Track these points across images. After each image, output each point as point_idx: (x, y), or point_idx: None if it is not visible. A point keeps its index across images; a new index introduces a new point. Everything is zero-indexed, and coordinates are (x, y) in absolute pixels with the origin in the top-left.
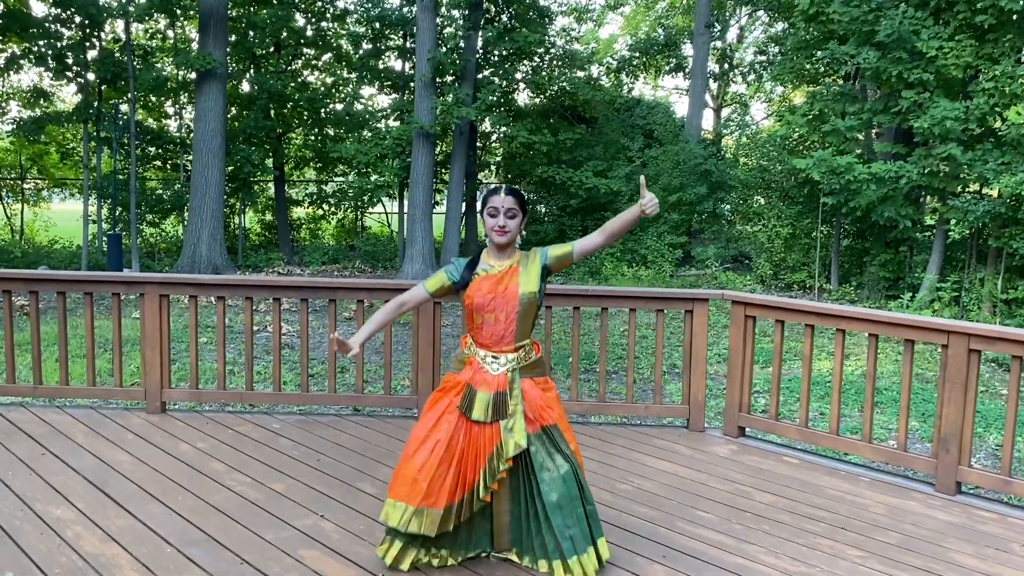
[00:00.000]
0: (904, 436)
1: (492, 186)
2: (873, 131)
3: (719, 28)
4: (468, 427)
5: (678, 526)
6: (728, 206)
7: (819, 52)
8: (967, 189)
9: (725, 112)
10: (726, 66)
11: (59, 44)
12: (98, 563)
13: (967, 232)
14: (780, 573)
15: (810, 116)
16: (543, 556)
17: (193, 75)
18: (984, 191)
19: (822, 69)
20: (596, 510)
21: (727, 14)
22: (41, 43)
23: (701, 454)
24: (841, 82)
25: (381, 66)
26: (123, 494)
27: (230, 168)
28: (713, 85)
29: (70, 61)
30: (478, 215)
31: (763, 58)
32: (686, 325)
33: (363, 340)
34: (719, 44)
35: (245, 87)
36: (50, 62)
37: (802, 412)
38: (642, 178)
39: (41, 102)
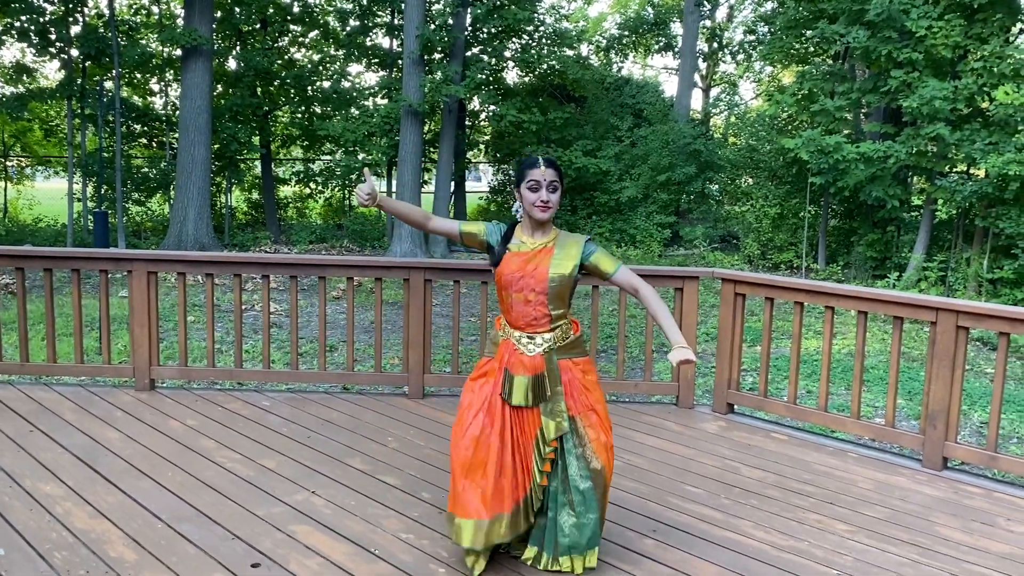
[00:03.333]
0: (892, 413)
1: (528, 158)
2: (862, 111)
3: (708, 7)
4: (513, 414)
5: (668, 501)
6: (716, 186)
7: (809, 31)
8: (954, 169)
9: (714, 92)
10: (715, 45)
11: (42, 19)
12: (88, 539)
13: (954, 212)
14: (769, 547)
15: (799, 96)
16: (542, 547)
17: (179, 52)
18: (971, 171)
19: (811, 49)
20: (597, 526)
21: None
22: (23, 18)
23: (690, 430)
24: (830, 62)
25: (369, 43)
26: (113, 471)
27: (216, 146)
28: (702, 65)
29: (53, 37)
30: (515, 190)
31: (752, 38)
32: (676, 303)
33: (381, 201)
34: (708, 23)
35: (231, 64)
36: (33, 37)
37: (791, 389)
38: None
39: (24, 78)
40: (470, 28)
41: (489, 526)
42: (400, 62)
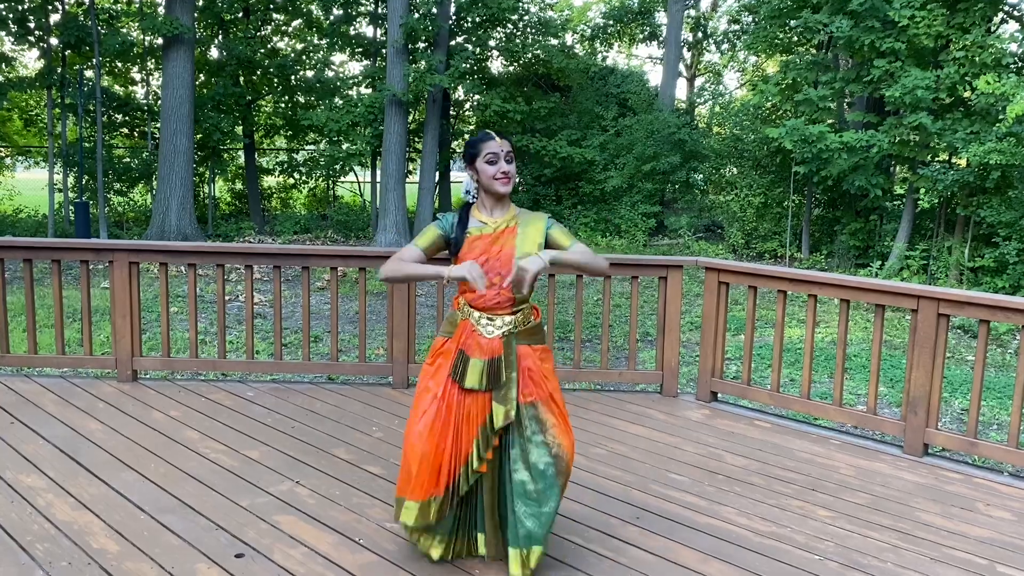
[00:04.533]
0: (874, 400)
1: (478, 134)
2: (845, 100)
3: None
4: (461, 396)
5: (651, 488)
6: (701, 176)
7: (793, 21)
8: (936, 158)
9: (699, 81)
10: (700, 35)
11: (20, 7)
12: (71, 530)
13: (936, 201)
14: (752, 533)
15: (783, 85)
16: (515, 544)
17: (160, 40)
18: (953, 160)
19: (795, 38)
20: (554, 515)
21: None
22: (1, 6)
23: (674, 418)
24: (814, 51)
25: (352, 32)
26: (95, 462)
27: (199, 136)
28: (687, 54)
29: (32, 25)
30: (467, 168)
31: (737, 27)
32: (660, 291)
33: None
34: (693, 13)
35: (214, 53)
36: (11, 25)
37: (774, 377)
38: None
39: (2, 67)
40: (454, 17)
41: (428, 505)
42: (384, 51)
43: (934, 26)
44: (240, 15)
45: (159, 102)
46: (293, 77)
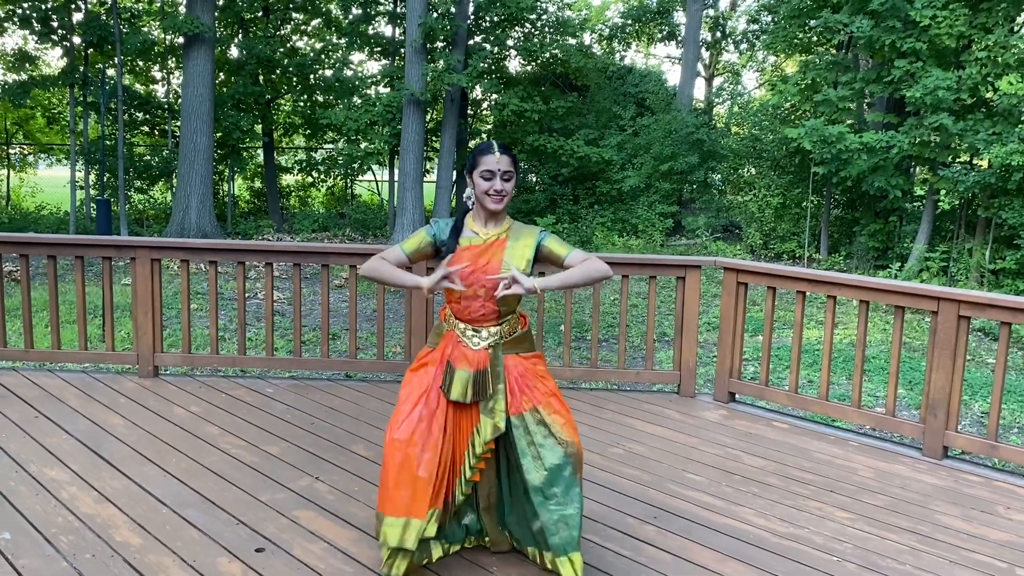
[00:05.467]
0: (893, 402)
1: (482, 143)
2: (865, 101)
3: None
4: (450, 408)
5: (669, 488)
6: (719, 176)
7: (812, 21)
8: (957, 159)
9: (717, 81)
10: (718, 34)
11: (44, 6)
12: (94, 523)
13: (957, 202)
14: (769, 534)
15: (802, 85)
16: (531, 543)
17: (181, 39)
18: (974, 161)
19: (815, 38)
20: (580, 516)
21: None
22: (25, 5)
23: (692, 419)
24: (834, 51)
25: (371, 31)
26: (117, 456)
27: (219, 134)
28: (705, 54)
29: (55, 24)
30: (467, 176)
31: (755, 27)
32: (678, 291)
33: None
34: (712, 12)
35: (234, 52)
36: (35, 25)
37: (792, 378)
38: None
39: (26, 66)
40: (472, 17)
41: (419, 525)
42: (402, 51)
43: (956, 26)
44: (260, 14)
45: (179, 100)
46: (312, 76)
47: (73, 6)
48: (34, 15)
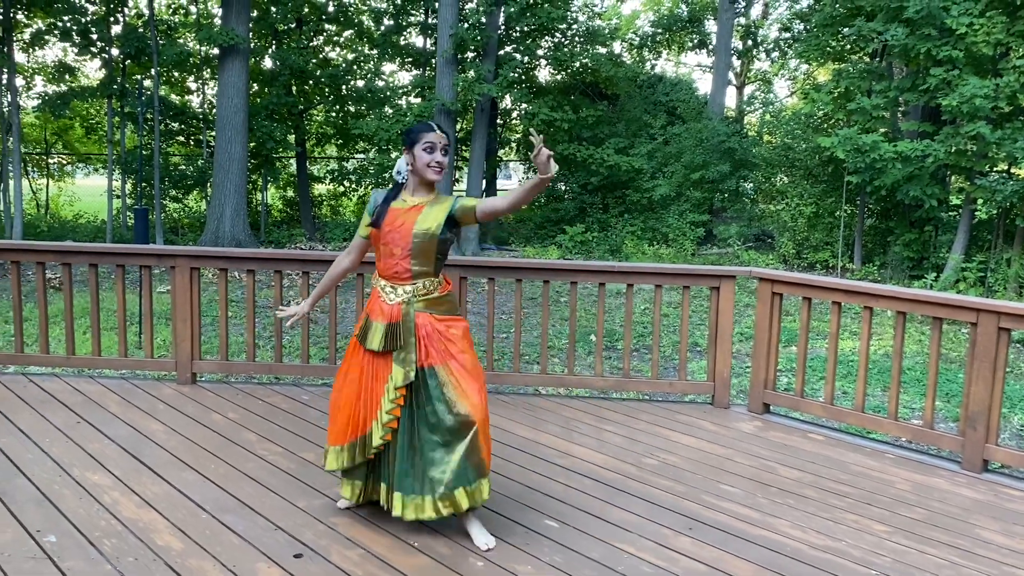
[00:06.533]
0: (931, 414)
1: (419, 123)
2: (898, 109)
3: (743, 4)
4: (370, 356)
5: (704, 500)
6: (751, 184)
7: (846, 29)
8: (995, 168)
9: (748, 90)
10: (750, 43)
11: (84, 19)
12: (136, 527)
13: (994, 212)
14: (806, 546)
15: (835, 94)
16: (412, 492)
17: (216, 51)
18: (1012, 170)
19: (848, 46)
20: (484, 462)
21: None
22: (66, 18)
23: (726, 430)
24: (867, 59)
25: (402, 42)
26: (157, 462)
27: (252, 144)
28: (736, 62)
29: (94, 36)
30: (405, 151)
31: (787, 35)
32: (712, 301)
33: (312, 302)
34: (743, 20)
35: (267, 63)
36: (75, 37)
37: (827, 389)
38: (532, 132)
39: (66, 77)
40: (503, 27)
41: (341, 451)
42: (433, 61)
43: (993, 33)
44: (293, 25)
45: (214, 111)
46: (344, 87)
47: (112, 19)
48: (74, 28)
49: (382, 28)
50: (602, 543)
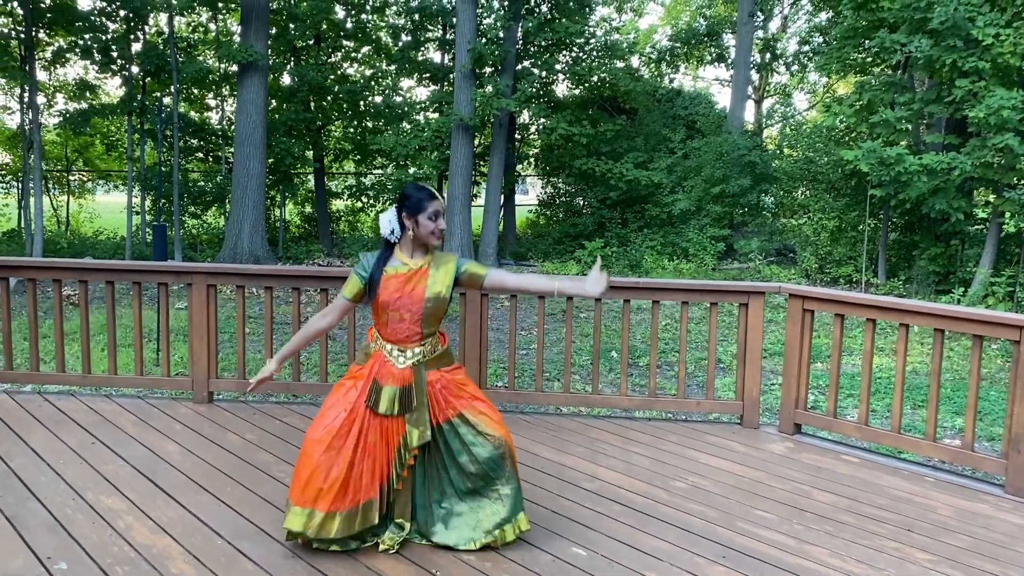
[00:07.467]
0: (972, 435)
1: (417, 187)
2: (922, 122)
3: (762, 17)
4: (377, 420)
5: (737, 526)
6: (771, 198)
7: (868, 41)
8: (1023, 180)
9: (767, 103)
10: (769, 56)
11: (104, 37)
12: (150, 554)
13: (1023, 225)
14: None
15: (858, 106)
16: (475, 534)
17: (235, 68)
18: None
19: (870, 59)
20: (520, 491)
21: (770, 3)
22: (87, 36)
23: (757, 451)
24: (889, 72)
25: (420, 58)
26: (173, 484)
27: (271, 160)
28: (755, 76)
29: (115, 54)
30: (406, 217)
31: (807, 48)
32: (740, 319)
33: (279, 361)
34: (761, 34)
35: (286, 79)
36: (96, 55)
37: (862, 409)
38: (599, 259)
39: (87, 95)
40: (521, 42)
41: (323, 519)
42: (451, 76)
43: (1020, 44)
44: (312, 42)
45: (233, 127)
46: (362, 102)
47: (132, 37)
48: (95, 46)
49: (400, 44)
50: (633, 573)
